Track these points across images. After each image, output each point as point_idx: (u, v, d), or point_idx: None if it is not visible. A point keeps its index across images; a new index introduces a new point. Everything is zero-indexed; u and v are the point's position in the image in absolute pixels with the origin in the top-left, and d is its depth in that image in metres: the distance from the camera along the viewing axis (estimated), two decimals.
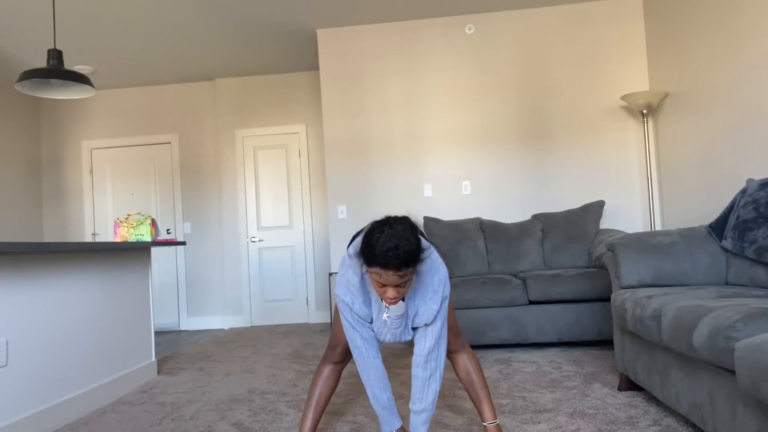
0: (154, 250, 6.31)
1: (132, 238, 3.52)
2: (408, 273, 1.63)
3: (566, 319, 3.79)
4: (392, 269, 1.59)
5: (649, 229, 4.69)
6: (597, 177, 4.86)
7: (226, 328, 6.16)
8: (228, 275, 6.18)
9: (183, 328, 6.28)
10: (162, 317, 6.31)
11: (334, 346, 2.07)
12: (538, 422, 2.33)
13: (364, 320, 1.85)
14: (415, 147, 5.03)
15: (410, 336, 1.89)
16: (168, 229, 6.35)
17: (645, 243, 2.64)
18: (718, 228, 2.63)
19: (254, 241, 6.18)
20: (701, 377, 1.88)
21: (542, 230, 4.55)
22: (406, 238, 1.60)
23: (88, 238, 6.39)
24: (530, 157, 4.92)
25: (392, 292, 1.65)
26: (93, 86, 3.63)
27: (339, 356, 2.08)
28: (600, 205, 4.53)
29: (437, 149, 5.01)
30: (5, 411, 2.37)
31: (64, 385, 2.76)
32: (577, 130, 4.89)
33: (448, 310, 2.02)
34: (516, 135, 4.95)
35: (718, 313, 1.73)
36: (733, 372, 1.67)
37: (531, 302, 3.85)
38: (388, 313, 1.78)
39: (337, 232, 5.07)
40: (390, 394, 1.92)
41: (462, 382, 2.08)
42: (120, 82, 6.23)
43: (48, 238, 6.43)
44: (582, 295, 3.75)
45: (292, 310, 6.15)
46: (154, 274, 6.34)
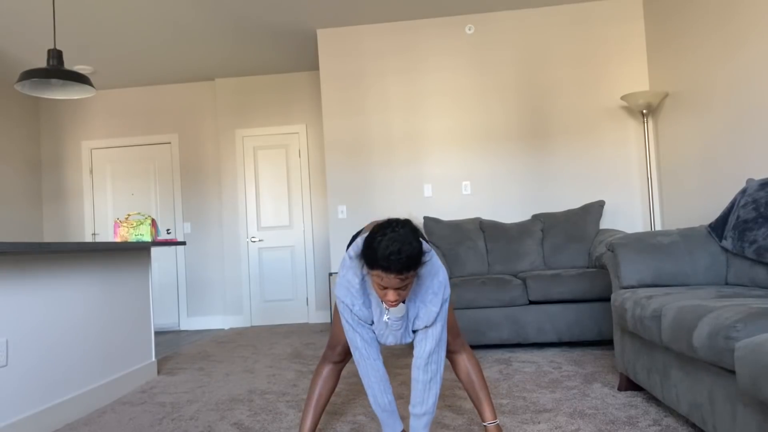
0: (154, 250, 6.31)
1: (132, 238, 3.52)
2: (409, 276, 1.63)
3: (566, 319, 3.79)
4: (394, 272, 1.59)
5: (649, 229, 4.69)
6: (597, 177, 4.86)
7: (226, 328, 6.16)
8: (228, 275, 6.18)
9: (183, 328, 6.28)
10: (162, 317, 6.31)
11: (333, 345, 2.07)
12: (538, 422, 2.33)
13: (365, 322, 1.85)
14: (415, 147, 5.03)
15: (411, 338, 1.89)
16: (168, 229, 6.35)
17: (645, 243, 2.64)
18: (718, 228, 2.63)
19: (254, 241, 6.18)
20: (701, 377, 1.88)
21: (542, 230, 4.55)
22: (409, 242, 1.60)
23: (88, 238, 6.39)
24: (530, 157, 4.92)
25: (393, 295, 1.65)
26: (93, 86, 3.63)
27: (338, 356, 2.08)
28: (600, 205, 4.53)
29: (437, 149, 5.01)
30: (5, 411, 2.37)
31: (64, 385, 2.76)
32: (577, 130, 4.89)
33: (448, 311, 2.02)
34: (516, 135, 4.95)
35: (718, 313, 1.73)
36: (733, 372, 1.67)
37: (531, 302, 3.85)
38: (388, 314, 1.78)
39: (337, 232, 5.07)
40: (391, 397, 1.91)
41: (462, 382, 2.08)
42: (120, 82, 6.23)
43: (48, 238, 6.43)
44: (582, 295, 3.75)
45: (292, 310, 6.15)
46: (154, 274, 6.34)
